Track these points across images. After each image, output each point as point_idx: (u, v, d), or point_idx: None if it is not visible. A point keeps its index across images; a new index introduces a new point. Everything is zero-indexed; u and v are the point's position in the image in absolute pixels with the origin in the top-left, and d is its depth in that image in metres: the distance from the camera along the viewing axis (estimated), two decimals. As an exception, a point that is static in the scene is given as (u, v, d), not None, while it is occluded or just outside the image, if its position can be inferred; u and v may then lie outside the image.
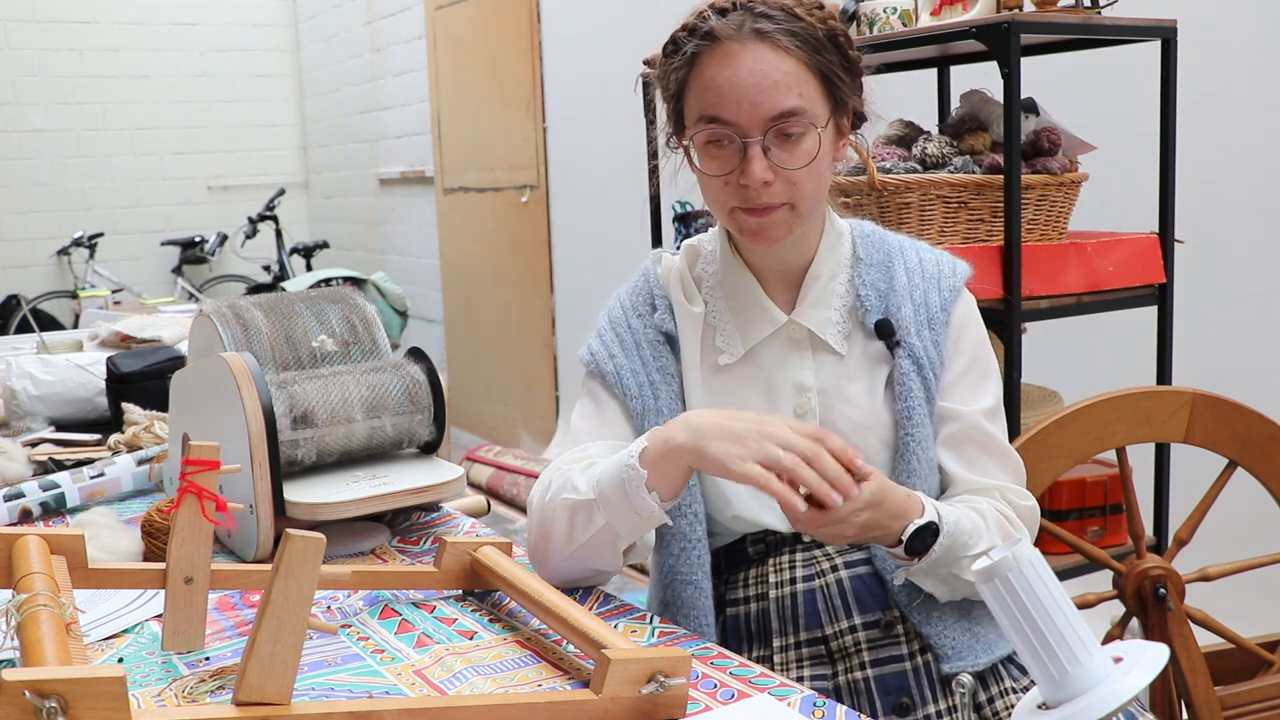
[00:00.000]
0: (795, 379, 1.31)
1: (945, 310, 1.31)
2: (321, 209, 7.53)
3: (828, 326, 1.31)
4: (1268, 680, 1.70)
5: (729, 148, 1.22)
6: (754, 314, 1.32)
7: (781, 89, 1.20)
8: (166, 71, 7.06)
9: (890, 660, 1.25)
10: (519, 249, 5.23)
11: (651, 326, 1.35)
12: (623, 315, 1.38)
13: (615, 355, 1.35)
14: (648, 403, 1.32)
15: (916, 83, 2.59)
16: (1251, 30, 2.77)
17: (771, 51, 1.20)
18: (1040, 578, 0.84)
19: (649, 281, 1.39)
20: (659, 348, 1.34)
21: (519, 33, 5.01)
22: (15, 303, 6.39)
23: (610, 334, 1.38)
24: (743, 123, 1.20)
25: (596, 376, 1.36)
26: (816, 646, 1.26)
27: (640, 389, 1.33)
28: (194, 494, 1.05)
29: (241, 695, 0.85)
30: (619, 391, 1.33)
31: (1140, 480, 1.84)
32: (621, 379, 1.33)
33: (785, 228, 1.25)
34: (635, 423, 1.32)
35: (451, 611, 1.22)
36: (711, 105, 1.22)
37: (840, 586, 1.26)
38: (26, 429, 2.03)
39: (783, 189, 1.22)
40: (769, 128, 1.20)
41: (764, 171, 1.20)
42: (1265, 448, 1.72)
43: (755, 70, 1.20)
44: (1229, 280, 2.84)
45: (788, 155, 1.21)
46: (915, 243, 1.38)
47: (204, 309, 1.53)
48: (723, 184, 1.24)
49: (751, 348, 1.32)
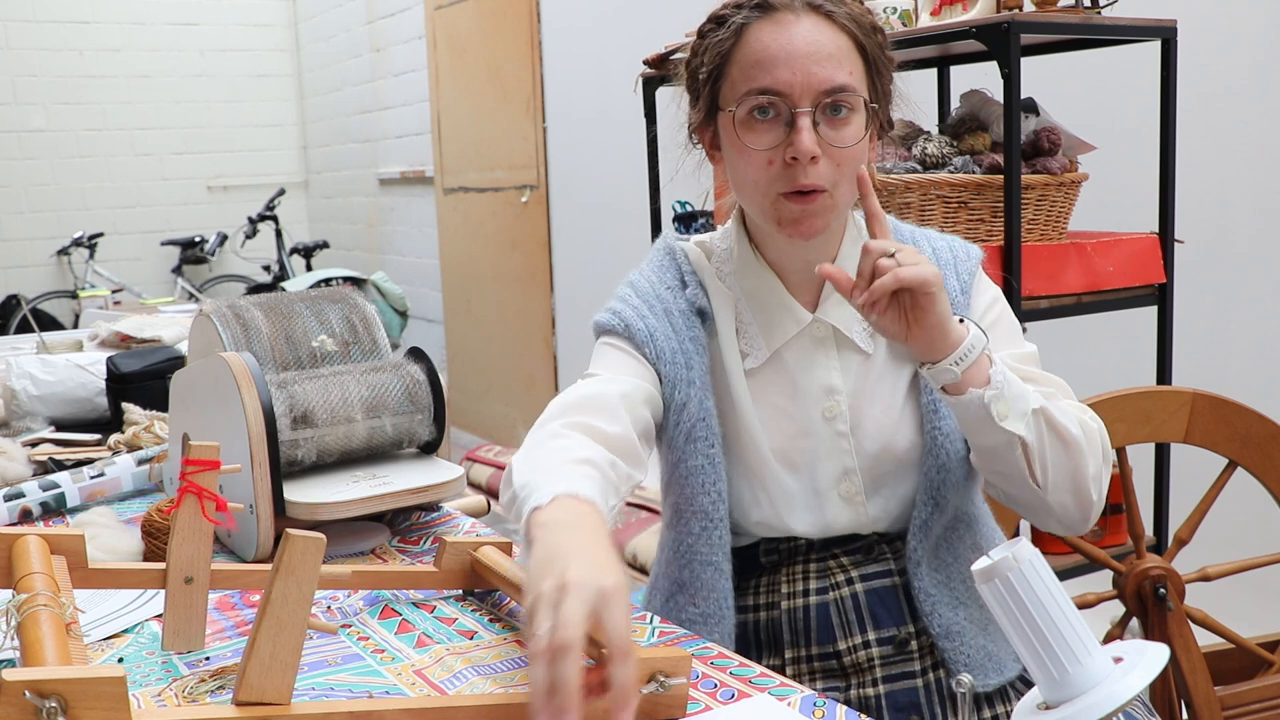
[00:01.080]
0: (823, 381, 1.26)
1: (965, 294, 1.28)
2: (321, 209, 7.53)
3: (853, 324, 1.27)
4: (1268, 680, 1.70)
5: (774, 120, 1.17)
6: (777, 314, 1.28)
7: (835, 62, 1.16)
8: (166, 71, 7.07)
9: (903, 676, 1.23)
10: (519, 249, 5.23)
11: (684, 299, 1.29)
12: (649, 285, 1.31)
13: (645, 316, 1.27)
14: (680, 371, 1.25)
15: (916, 83, 2.58)
16: (1251, 30, 2.77)
17: (827, 24, 1.17)
18: (1040, 578, 0.84)
19: (675, 259, 1.33)
20: (691, 318, 1.28)
21: (519, 33, 5.01)
22: (15, 303, 6.39)
23: (636, 299, 1.30)
24: (795, 92, 1.15)
25: (623, 336, 1.27)
26: (829, 660, 1.24)
27: (674, 355, 1.25)
28: (194, 494, 1.05)
29: (241, 695, 0.85)
30: (650, 354, 1.26)
31: (1140, 480, 1.84)
32: (655, 340, 1.26)
33: (824, 218, 1.20)
34: (667, 389, 1.25)
35: (451, 611, 1.22)
36: (763, 71, 1.16)
37: (855, 601, 1.24)
38: (26, 429, 2.03)
39: (827, 170, 1.17)
40: (820, 100, 1.15)
41: (813, 144, 1.15)
42: (1265, 448, 1.72)
43: (811, 40, 1.16)
44: (1229, 280, 2.84)
45: (835, 133, 1.17)
46: (926, 231, 1.35)
47: (204, 309, 1.53)
48: (766, 163, 1.18)
49: (776, 350, 1.27)
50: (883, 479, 1.27)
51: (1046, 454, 1.16)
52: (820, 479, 1.26)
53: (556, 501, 0.95)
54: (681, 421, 1.26)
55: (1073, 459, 1.17)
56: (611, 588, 0.81)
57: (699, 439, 1.25)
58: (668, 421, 1.27)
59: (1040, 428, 1.15)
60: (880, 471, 1.26)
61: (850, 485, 1.26)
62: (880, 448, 1.25)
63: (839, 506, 1.26)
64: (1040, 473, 1.17)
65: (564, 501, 0.95)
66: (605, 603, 0.80)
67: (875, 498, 1.27)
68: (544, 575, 0.82)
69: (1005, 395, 1.12)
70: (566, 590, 0.80)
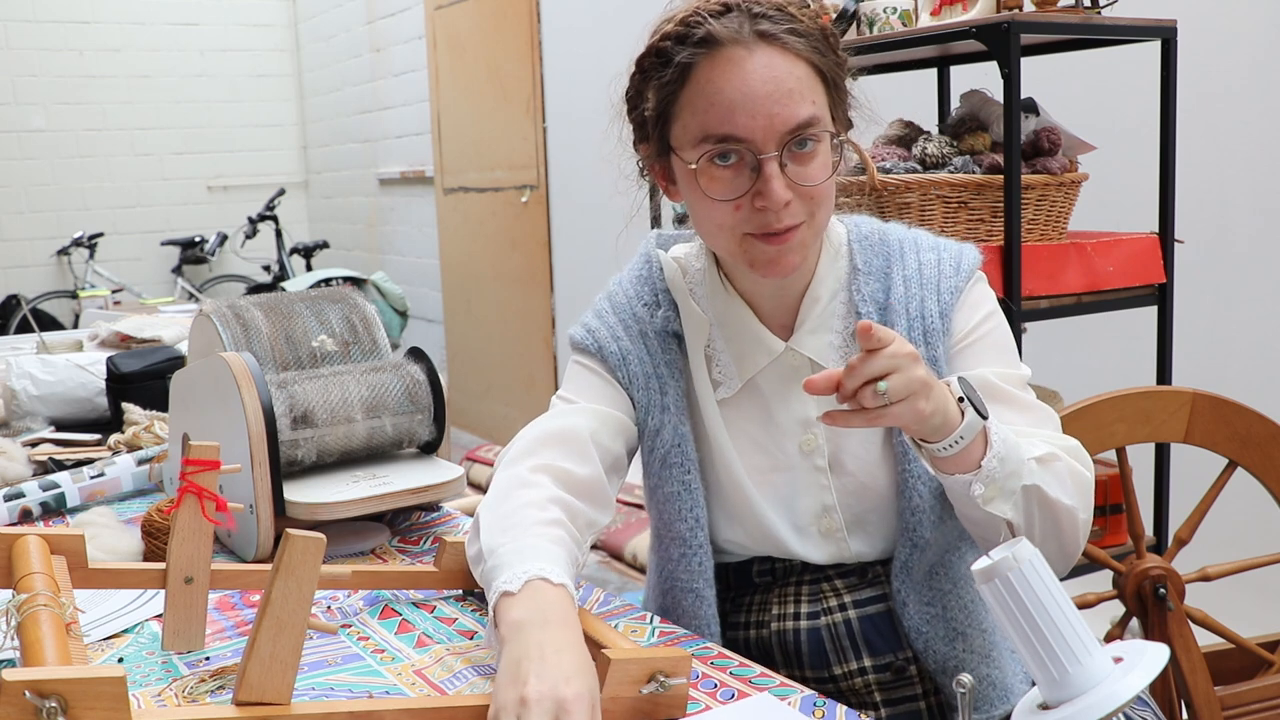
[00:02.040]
0: (798, 413, 1.21)
1: (944, 317, 1.19)
2: (321, 209, 7.53)
3: (828, 352, 1.20)
4: (1268, 680, 1.70)
5: (738, 165, 1.09)
6: (749, 344, 1.22)
7: (796, 97, 1.07)
8: (166, 71, 7.07)
9: (904, 700, 1.21)
10: (519, 249, 5.23)
11: (659, 318, 1.24)
12: (626, 301, 1.26)
13: (620, 338, 1.23)
14: (653, 396, 1.22)
15: (916, 83, 2.59)
16: (1251, 30, 2.77)
17: (781, 56, 1.08)
18: (1040, 578, 0.84)
19: (652, 270, 1.28)
20: (667, 340, 1.24)
21: (519, 33, 5.01)
22: (15, 303, 6.39)
23: (613, 316, 1.25)
24: (757, 139, 1.07)
25: (596, 357, 1.24)
26: (824, 685, 1.21)
27: (647, 380, 1.22)
28: (194, 494, 1.05)
29: (241, 695, 0.85)
30: (623, 378, 1.22)
31: (1140, 480, 1.84)
32: (628, 364, 1.22)
33: (801, 252, 1.13)
34: (640, 414, 1.22)
35: (451, 611, 1.22)
36: (720, 121, 1.07)
37: (849, 628, 1.20)
38: (26, 429, 2.03)
39: (800, 207, 1.10)
40: (785, 141, 1.08)
41: (784, 190, 1.07)
42: (1265, 448, 1.72)
43: (768, 78, 1.06)
44: (1229, 280, 2.84)
45: (804, 170, 1.09)
46: (917, 239, 1.25)
47: (204, 309, 1.53)
48: (733, 209, 1.10)
49: (749, 379, 1.22)
50: (864, 515, 1.21)
51: (1035, 526, 1.09)
52: (799, 514, 1.22)
53: (527, 588, 0.96)
54: (656, 447, 1.23)
55: (1063, 527, 1.11)
56: (572, 698, 0.85)
57: (674, 465, 1.22)
58: (643, 446, 1.25)
59: (1030, 506, 1.08)
60: (861, 509, 1.21)
61: (830, 521, 1.22)
62: (859, 485, 1.20)
63: (819, 541, 1.22)
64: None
65: (534, 588, 0.96)
66: (565, 713, 0.84)
67: (856, 534, 1.22)
68: (508, 685, 0.87)
69: (995, 479, 1.04)
70: (527, 706, 0.84)
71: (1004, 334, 1.22)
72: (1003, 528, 1.07)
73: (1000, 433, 1.04)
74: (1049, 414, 1.18)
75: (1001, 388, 1.16)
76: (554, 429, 1.17)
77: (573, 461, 1.14)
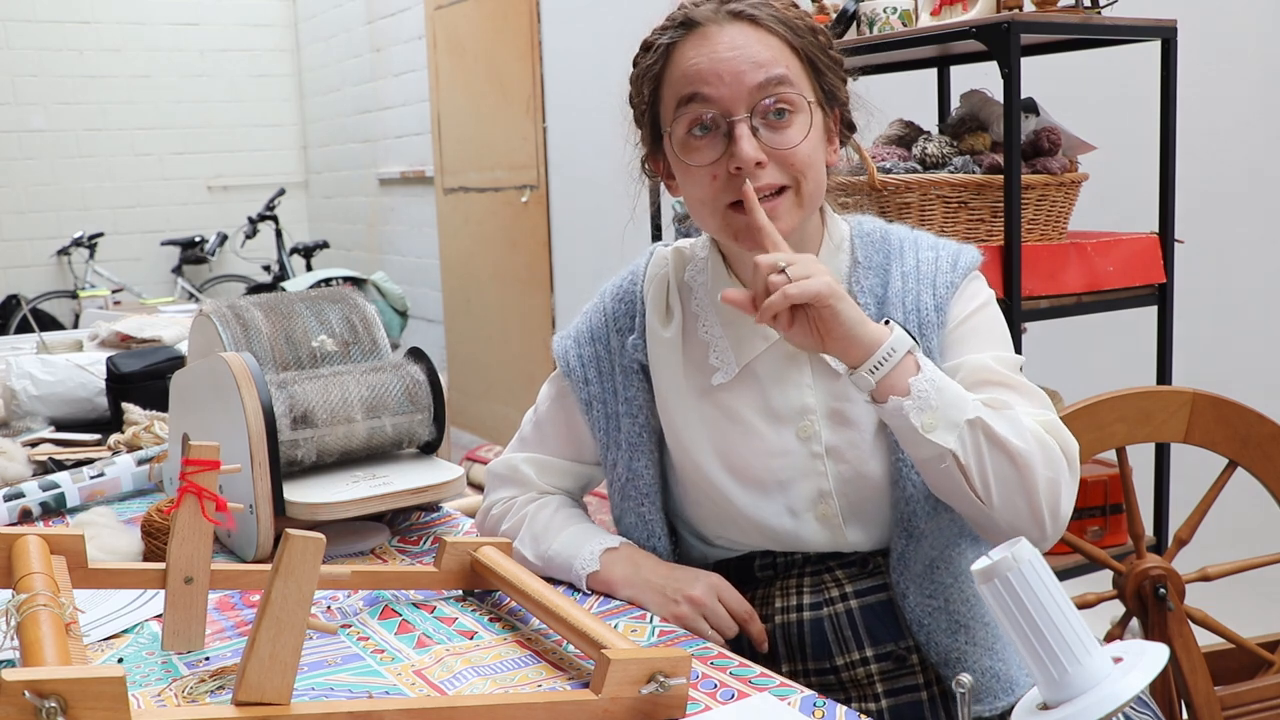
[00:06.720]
0: (796, 401, 1.22)
1: (939, 310, 1.21)
2: (321, 209, 7.53)
3: None
4: (1268, 680, 1.70)
5: (713, 135, 1.14)
6: (747, 330, 1.24)
7: (765, 61, 1.13)
8: (166, 71, 7.06)
9: (906, 690, 1.21)
10: (519, 249, 5.23)
11: (630, 346, 1.30)
12: (604, 327, 1.33)
13: (590, 381, 1.32)
14: (611, 435, 1.31)
15: (916, 83, 2.59)
16: (1251, 30, 2.77)
17: (752, 29, 1.15)
18: (1040, 578, 0.84)
19: (635, 287, 1.33)
20: (631, 375, 1.30)
21: (519, 33, 5.01)
22: (15, 303, 6.39)
23: (589, 348, 1.33)
24: (726, 100, 1.13)
25: (569, 389, 1.35)
26: (826, 676, 1.22)
27: (606, 422, 1.31)
28: (194, 494, 1.05)
29: (241, 695, 0.85)
30: (587, 418, 1.33)
31: (1140, 480, 1.84)
32: (592, 408, 1.32)
33: (788, 217, 1.15)
34: (599, 448, 1.33)
35: (451, 611, 1.22)
36: (689, 84, 1.14)
37: (851, 618, 1.21)
38: (26, 429, 2.03)
39: (778, 171, 1.14)
40: (755, 102, 1.12)
41: (754, 150, 1.11)
42: (1265, 448, 1.72)
43: (735, 44, 1.13)
44: (1229, 280, 2.84)
45: (778, 136, 1.13)
46: (918, 238, 1.27)
47: (204, 309, 1.53)
48: (710, 178, 1.15)
49: (747, 364, 1.24)
50: (860, 504, 1.22)
51: (987, 468, 1.09)
52: (796, 500, 1.23)
53: (604, 560, 1.24)
54: (614, 480, 1.33)
55: (1020, 472, 1.09)
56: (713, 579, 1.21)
57: (630, 497, 1.31)
58: (606, 475, 1.35)
59: (977, 439, 1.08)
60: (857, 497, 1.22)
61: (827, 508, 1.22)
62: (855, 473, 1.21)
63: (816, 528, 1.23)
64: (982, 488, 1.09)
65: (609, 557, 1.25)
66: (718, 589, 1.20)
67: (853, 523, 1.23)
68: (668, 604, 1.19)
69: (930, 405, 1.06)
70: (696, 601, 1.18)
71: (998, 323, 1.24)
72: (953, 471, 1.08)
73: (931, 364, 1.09)
74: (1045, 397, 1.19)
75: (999, 370, 1.18)
76: (520, 474, 1.38)
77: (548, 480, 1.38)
